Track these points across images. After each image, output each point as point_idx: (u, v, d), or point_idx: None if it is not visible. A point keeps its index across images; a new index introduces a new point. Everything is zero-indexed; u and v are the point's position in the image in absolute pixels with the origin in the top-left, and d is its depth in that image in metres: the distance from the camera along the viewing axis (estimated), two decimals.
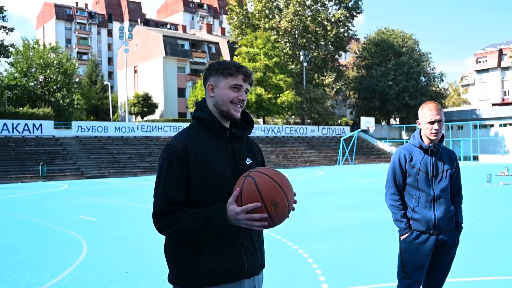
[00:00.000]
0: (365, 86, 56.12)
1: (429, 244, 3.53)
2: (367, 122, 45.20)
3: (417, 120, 3.67)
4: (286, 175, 2.20)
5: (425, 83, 58.50)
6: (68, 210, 13.39)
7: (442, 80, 59.98)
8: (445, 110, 56.59)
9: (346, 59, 73.17)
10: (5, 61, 38.74)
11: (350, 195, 16.40)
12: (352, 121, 61.35)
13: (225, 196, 2.17)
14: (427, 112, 3.55)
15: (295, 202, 2.20)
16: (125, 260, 6.99)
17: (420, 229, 3.55)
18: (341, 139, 43.92)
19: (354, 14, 53.43)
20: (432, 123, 3.52)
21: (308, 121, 52.49)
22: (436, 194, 3.53)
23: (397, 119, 62.29)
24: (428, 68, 58.55)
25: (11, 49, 36.99)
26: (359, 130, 45.81)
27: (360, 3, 53.27)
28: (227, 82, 2.29)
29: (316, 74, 53.28)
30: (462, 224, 3.68)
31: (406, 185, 3.65)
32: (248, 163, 2.35)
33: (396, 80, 54.63)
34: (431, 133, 3.53)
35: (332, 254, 7.24)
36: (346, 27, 53.45)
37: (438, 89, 60.11)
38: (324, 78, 53.45)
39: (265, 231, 9.16)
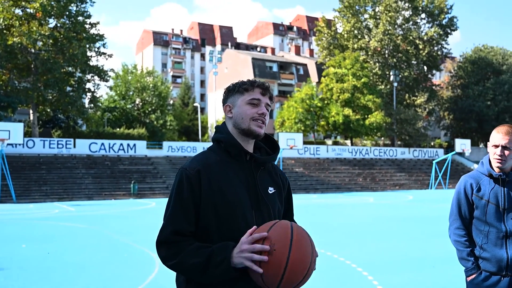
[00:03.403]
0: (460, 107, 53.11)
1: (501, 287, 3.05)
2: (462, 144, 42.54)
3: (488, 143, 3.24)
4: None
5: None
6: (149, 228, 13.77)
7: None
8: None
9: (440, 78, 69.99)
10: (105, 85, 41.64)
11: (440, 222, 15.27)
12: (446, 143, 58.17)
13: (241, 227, 1.96)
14: (494, 134, 3.13)
15: None
16: None
17: (490, 270, 3.09)
18: (434, 162, 41.70)
19: (449, 31, 51.09)
20: (495, 147, 3.09)
21: (399, 142, 50.54)
22: (508, 230, 3.06)
23: None
24: None
25: (110, 73, 39.70)
26: (454, 152, 43.20)
27: (455, 20, 50.88)
28: (243, 99, 2.12)
29: (407, 94, 51.37)
30: None
31: (473, 218, 3.21)
32: (270, 192, 2.13)
33: (495, 100, 51.20)
34: (494, 158, 3.09)
35: None
36: (440, 46, 51.20)
37: None
38: (415, 98, 51.38)
39: (338, 258, 8.75)
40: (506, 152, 3.07)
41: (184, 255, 1.92)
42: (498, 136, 3.10)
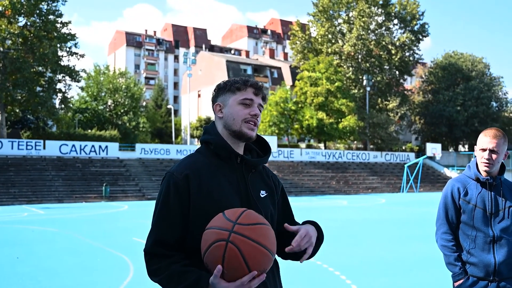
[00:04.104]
0: (431, 111, 54.19)
1: None
2: (433, 149, 43.36)
3: (475, 147, 3.22)
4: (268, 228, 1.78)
5: (497, 108, 55.75)
6: (123, 232, 13.53)
7: None
8: None
9: (411, 83, 71.28)
10: (76, 85, 40.95)
11: (413, 225, 15.53)
12: (417, 147, 59.24)
13: None
14: (481, 138, 3.10)
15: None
16: None
17: (478, 275, 3.06)
18: (405, 165, 42.33)
19: (420, 37, 52.07)
20: (483, 150, 3.06)
21: (371, 146, 51.17)
22: (496, 234, 3.04)
23: (466, 146, 59.48)
24: (500, 93, 55.87)
25: (82, 74, 38.94)
26: (425, 156, 43.98)
27: (426, 26, 51.92)
28: (235, 98, 2.00)
29: (379, 99, 52.09)
30: None
31: (460, 223, 3.18)
32: (262, 196, 2.03)
33: (465, 105, 52.44)
34: (481, 162, 3.07)
35: None
36: (412, 51, 52.12)
37: (511, 114, 56.97)
38: (388, 102, 52.16)
39: (315, 261, 8.72)
40: (494, 156, 3.04)
41: (164, 277, 1.84)
42: (485, 139, 3.08)
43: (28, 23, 34.56)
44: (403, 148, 58.00)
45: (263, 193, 2.04)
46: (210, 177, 1.94)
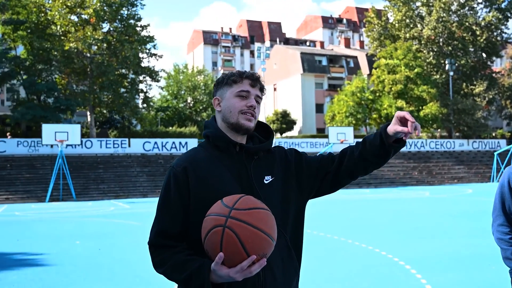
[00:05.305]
0: None
1: None
2: None
3: None
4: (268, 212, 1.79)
5: None
6: None
7: None
8: None
9: (501, 65, 66.72)
10: (156, 85, 42.81)
11: None
12: (509, 134, 55.43)
13: None
14: None
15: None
16: None
17: None
18: (495, 153, 39.77)
19: (509, 15, 48.52)
20: None
21: (457, 134, 48.60)
22: None
23: None
24: None
25: (161, 74, 40.62)
26: None
27: None
28: (232, 91, 2.03)
29: (464, 84, 49.26)
30: None
31: None
32: (266, 181, 2.02)
33: None
34: None
35: None
36: (499, 31, 48.72)
37: None
38: (474, 87, 49.18)
39: (386, 254, 8.47)
40: None
41: (168, 267, 1.90)
42: None
43: (111, 29, 36.58)
44: (493, 134, 54.52)
45: (267, 179, 2.03)
46: (209, 168, 1.97)
